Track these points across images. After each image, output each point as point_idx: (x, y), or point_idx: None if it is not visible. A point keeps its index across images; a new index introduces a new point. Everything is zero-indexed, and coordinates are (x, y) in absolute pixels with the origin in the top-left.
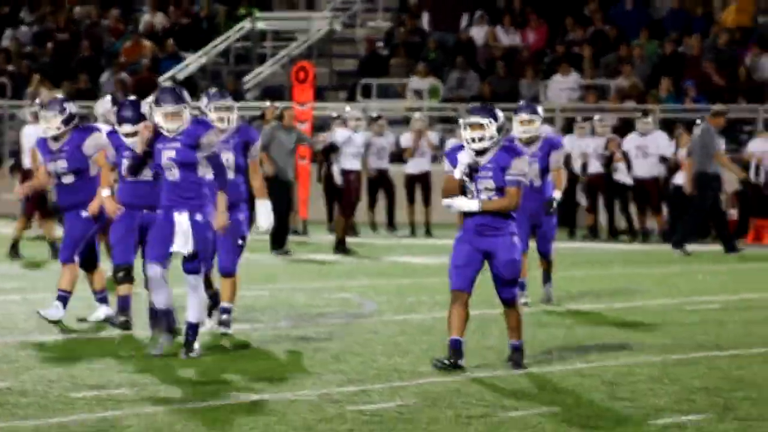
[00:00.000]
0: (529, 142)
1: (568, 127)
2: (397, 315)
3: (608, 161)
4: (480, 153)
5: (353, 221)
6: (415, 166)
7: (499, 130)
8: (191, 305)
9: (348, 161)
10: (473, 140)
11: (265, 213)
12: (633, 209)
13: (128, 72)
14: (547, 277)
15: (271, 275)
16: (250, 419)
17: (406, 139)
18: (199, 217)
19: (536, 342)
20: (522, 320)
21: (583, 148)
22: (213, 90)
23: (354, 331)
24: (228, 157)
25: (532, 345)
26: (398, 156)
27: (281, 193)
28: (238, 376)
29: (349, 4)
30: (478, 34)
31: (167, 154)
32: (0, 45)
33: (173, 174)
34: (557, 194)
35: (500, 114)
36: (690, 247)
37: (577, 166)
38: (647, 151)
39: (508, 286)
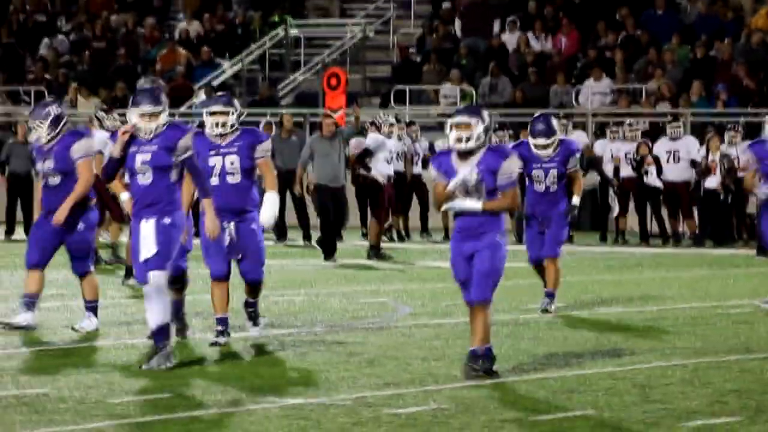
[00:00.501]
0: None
1: (600, 132)
2: (431, 319)
3: (639, 165)
4: (466, 154)
5: (394, 226)
6: None
7: (486, 130)
8: (154, 307)
9: (381, 166)
10: (459, 140)
11: (269, 206)
12: (664, 213)
13: (164, 79)
14: (548, 294)
15: (306, 280)
16: (285, 423)
17: (441, 144)
18: (167, 220)
19: (568, 345)
20: (489, 326)
21: (615, 152)
22: (214, 95)
23: (389, 336)
24: (233, 161)
25: (564, 347)
26: None
27: (333, 201)
28: (273, 380)
29: (382, 11)
30: (510, 40)
31: (142, 158)
32: (37, 54)
33: (146, 178)
34: (576, 200)
35: (487, 115)
36: (720, 251)
37: (608, 170)
38: (678, 155)
39: (482, 284)
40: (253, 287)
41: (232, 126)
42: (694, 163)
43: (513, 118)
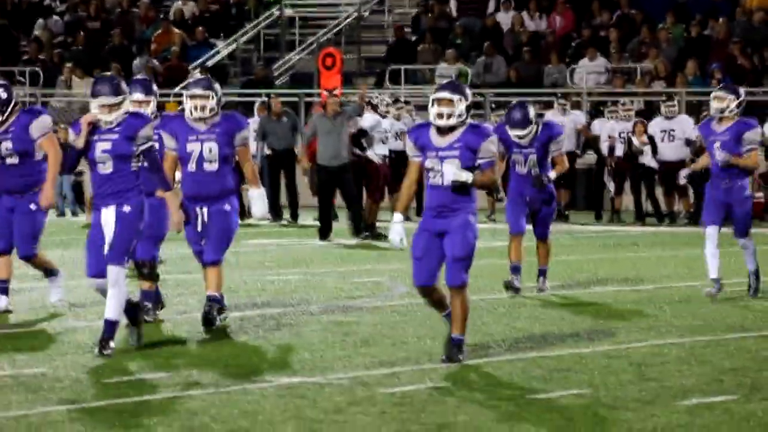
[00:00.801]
0: None
1: (595, 112)
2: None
3: (630, 146)
4: (446, 131)
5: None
6: None
7: (468, 108)
8: (110, 301)
9: (377, 146)
10: (441, 116)
11: (259, 201)
12: (659, 192)
13: (159, 59)
14: (541, 271)
15: (302, 260)
16: (281, 402)
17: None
18: (126, 208)
19: (564, 324)
20: (468, 313)
21: (609, 131)
22: (193, 78)
23: (384, 315)
24: (211, 147)
25: (561, 326)
26: None
27: (334, 181)
28: (269, 359)
29: None
30: (505, 19)
31: (102, 146)
32: (32, 34)
33: (106, 167)
34: (552, 174)
35: (469, 93)
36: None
37: (603, 149)
38: (673, 134)
39: (456, 268)
40: (211, 271)
41: (211, 110)
42: (688, 142)
43: (508, 98)
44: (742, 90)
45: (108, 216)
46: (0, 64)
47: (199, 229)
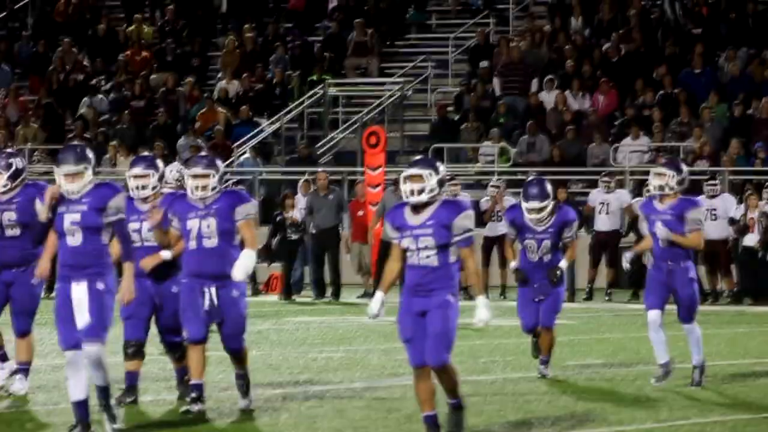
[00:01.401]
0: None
1: (638, 191)
2: (469, 376)
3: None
4: (420, 208)
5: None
6: (492, 229)
7: (441, 183)
8: (79, 381)
9: None
10: (412, 193)
11: (244, 260)
12: (702, 270)
13: (203, 138)
14: (544, 359)
15: (345, 337)
16: None
17: (485, 202)
18: (100, 285)
19: (607, 401)
20: (458, 379)
21: None
22: (195, 156)
23: None
24: (209, 223)
25: (603, 404)
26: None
27: None
28: None
29: (420, 70)
30: (548, 98)
31: (71, 218)
32: (77, 113)
33: (75, 239)
34: (564, 263)
35: (442, 167)
36: (758, 309)
37: (644, 228)
38: (715, 213)
39: (436, 348)
40: (236, 357)
41: (213, 189)
42: (732, 221)
43: (551, 176)
44: (684, 166)
45: (80, 293)
46: (46, 142)
47: (206, 307)
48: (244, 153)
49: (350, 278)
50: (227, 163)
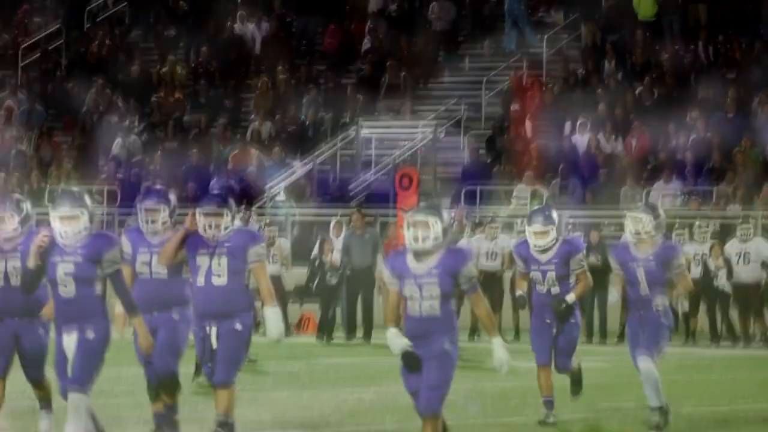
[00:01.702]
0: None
1: (672, 234)
2: (500, 417)
3: (705, 268)
4: (424, 256)
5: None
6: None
7: (446, 230)
8: (71, 429)
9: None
10: (416, 239)
11: (274, 321)
12: (734, 314)
13: (236, 179)
14: (575, 390)
15: (376, 377)
16: None
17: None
18: (90, 334)
19: None
20: None
21: (684, 253)
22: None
23: None
24: (220, 261)
25: None
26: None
27: None
28: None
29: (453, 112)
30: (581, 141)
31: (64, 268)
32: (110, 154)
33: (68, 290)
34: (571, 297)
35: (446, 214)
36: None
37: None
38: (748, 257)
39: (430, 397)
40: (221, 393)
41: (226, 228)
42: (765, 264)
43: (583, 219)
44: (661, 210)
45: (69, 342)
46: (78, 183)
47: (203, 348)
48: (277, 194)
49: (382, 319)
50: (259, 203)
